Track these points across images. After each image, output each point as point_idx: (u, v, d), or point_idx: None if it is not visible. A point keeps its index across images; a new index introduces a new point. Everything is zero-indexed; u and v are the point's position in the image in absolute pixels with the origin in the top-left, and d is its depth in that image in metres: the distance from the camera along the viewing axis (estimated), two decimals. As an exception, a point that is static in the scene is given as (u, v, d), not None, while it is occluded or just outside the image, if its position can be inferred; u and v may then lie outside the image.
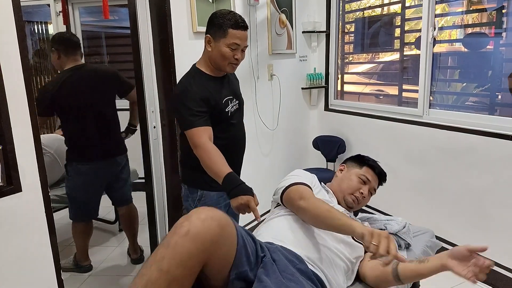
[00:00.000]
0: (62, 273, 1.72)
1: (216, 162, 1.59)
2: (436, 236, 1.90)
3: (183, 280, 0.96)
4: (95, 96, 2.42)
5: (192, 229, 0.96)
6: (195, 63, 1.81)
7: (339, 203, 1.60)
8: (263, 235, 1.43)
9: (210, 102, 1.69)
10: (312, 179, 1.58)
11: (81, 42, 2.60)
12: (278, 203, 1.57)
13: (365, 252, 1.48)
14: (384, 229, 1.60)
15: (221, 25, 1.65)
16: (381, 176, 1.67)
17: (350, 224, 1.22)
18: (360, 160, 1.69)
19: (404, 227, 1.65)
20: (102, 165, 2.48)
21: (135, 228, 2.75)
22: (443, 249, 1.68)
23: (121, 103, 2.60)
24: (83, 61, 2.47)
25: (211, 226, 0.98)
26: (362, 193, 1.58)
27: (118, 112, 2.56)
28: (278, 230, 1.42)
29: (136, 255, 2.75)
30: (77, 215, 2.55)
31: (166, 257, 0.94)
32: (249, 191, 1.52)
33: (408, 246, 1.70)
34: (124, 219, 2.74)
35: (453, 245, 2.54)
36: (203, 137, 1.63)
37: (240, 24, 1.66)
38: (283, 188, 1.51)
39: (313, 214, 1.33)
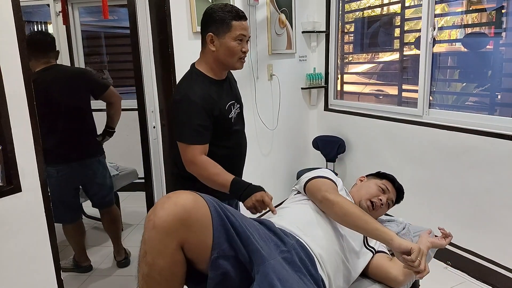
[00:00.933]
0: (62, 273, 1.72)
1: (218, 174, 1.56)
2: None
3: (172, 267, 1.01)
4: (65, 98, 2.33)
5: (156, 221, 0.98)
6: (194, 63, 1.69)
7: None
8: (283, 216, 1.42)
9: (213, 112, 1.60)
10: (337, 180, 1.57)
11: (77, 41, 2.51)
12: (299, 192, 1.57)
13: (373, 253, 1.50)
14: None
15: (223, 19, 1.55)
16: (399, 192, 1.69)
17: (388, 232, 1.25)
18: (381, 175, 1.73)
19: (404, 229, 1.65)
20: (72, 168, 2.40)
21: (118, 230, 2.72)
22: (443, 248, 1.68)
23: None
24: (61, 61, 2.41)
25: (175, 213, 0.98)
26: (380, 199, 1.57)
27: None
28: (300, 218, 1.41)
29: (120, 258, 2.71)
30: (58, 217, 2.46)
31: (147, 252, 1.00)
32: (260, 188, 1.52)
33: None
34: (104, 221, 2.69)
35: (451, 244, 2.54)
36: (199, 155, 1.57)
37: (241, 14, 1.59)
38: (308, 178, 1.51)
39: (344, 211, 1.33)
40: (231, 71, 1.78)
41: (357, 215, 1.31)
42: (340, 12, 3.37)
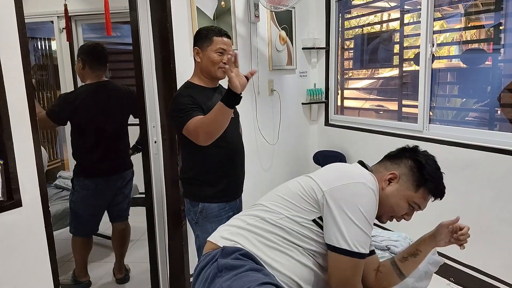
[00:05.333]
0: (60, 289, 1.70)
1: (210, 115, 1.65)
2: (437, 252, 1.89)
3: None
4: (113, 115, 2.45)
5: None
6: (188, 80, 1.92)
7: None
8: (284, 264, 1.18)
9: (201, 105, 1.78)
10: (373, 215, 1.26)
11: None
12: (315, 212, 1.22)
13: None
14: (386, 249, 1.60)
15: (207, 35, 1.83)
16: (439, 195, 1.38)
17: None
18: (427, 181, 1.33)
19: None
20: (109, 181, 2.50)
21: (125, 247, 2.73)
22: (445, 265, 1.66)
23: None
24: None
25: None
26: (403, 218, 1.37)
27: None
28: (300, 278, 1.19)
29: (121, 275, 2.71)
30: (79, 229, 2.54)
31: None
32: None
33: None
34: (115, 236, 2.70)
35: (454, 260, 2.52)
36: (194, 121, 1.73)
37: (223, 32, 1.85)
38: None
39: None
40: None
41: None
42: (340, 29, 3.42)
